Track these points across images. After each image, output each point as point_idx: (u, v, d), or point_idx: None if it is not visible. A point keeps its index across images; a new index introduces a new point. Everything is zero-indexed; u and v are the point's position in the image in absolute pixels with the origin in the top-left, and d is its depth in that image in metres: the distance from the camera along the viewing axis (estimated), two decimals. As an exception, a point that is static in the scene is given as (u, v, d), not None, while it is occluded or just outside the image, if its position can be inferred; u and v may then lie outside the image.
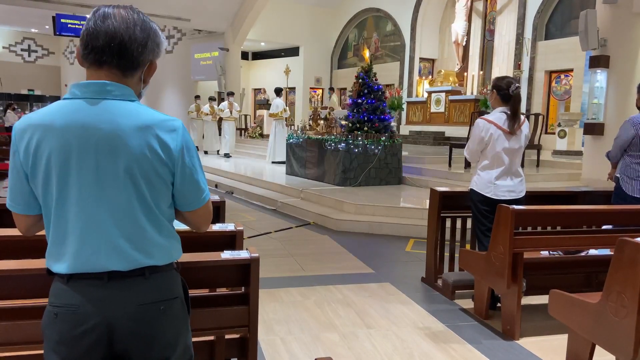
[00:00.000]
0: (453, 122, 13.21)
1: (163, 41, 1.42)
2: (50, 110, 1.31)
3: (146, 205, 1.33)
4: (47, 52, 25.30)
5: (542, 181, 7.99)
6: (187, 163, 1.36)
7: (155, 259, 1.36)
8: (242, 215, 7.03)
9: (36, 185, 1.32)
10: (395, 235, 5.95)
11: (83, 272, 1.31)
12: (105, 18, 1.30)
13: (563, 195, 4.33)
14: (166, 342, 1.38)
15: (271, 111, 11.68)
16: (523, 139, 3.60)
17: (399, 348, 3.06)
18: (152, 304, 1.34)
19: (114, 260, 1.31)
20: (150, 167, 1.31)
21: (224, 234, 2.35)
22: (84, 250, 1.30)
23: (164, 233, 1.39)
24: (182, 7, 14.85)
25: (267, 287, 3.93)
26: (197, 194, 1.42)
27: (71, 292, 1.31)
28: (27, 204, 1.36)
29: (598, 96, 7.83)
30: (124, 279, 1.33)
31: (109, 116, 1.29)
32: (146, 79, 1.41)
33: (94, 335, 1.30)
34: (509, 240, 3.14)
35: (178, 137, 1.34)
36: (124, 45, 1.30)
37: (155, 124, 1.32)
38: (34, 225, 1.41)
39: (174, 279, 1.43)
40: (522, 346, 3.13)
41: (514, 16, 12.83)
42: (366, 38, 17.80)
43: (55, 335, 1.32)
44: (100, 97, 1.30)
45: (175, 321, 1.40)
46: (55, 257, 1.34)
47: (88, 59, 1.32)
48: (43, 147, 1.28)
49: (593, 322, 2.46)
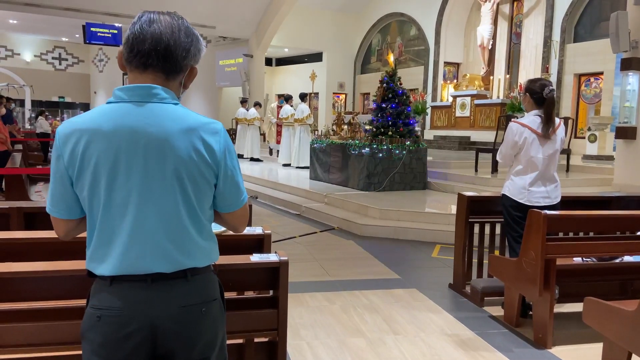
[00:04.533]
0: (479, 126, 13.05)
1: (203, 48, 1.44)
2: (97, 114, 1.31)
3: (191, 207, 1.35)
4: (77, 60, 25.98)
5: (573, 186, 7.80)
6: (229, 165, 1.38)
7: (196, 261, 1.37)
8: (267, 220, 7.05)
9: (81, 189, 1.32)
10: (421, 240, 5.88)
11: (127, 274, 1.32)
12: (151, 22, 1.32)
13: (596, 201, 4.22)
14: (206, 342, 1.39)
15: (296, 116, 11.73)
16: (559, 142, 3.49)
17: (427, 355, 3.01)
18: (194, 306, 1.35)
19: (158, 262, 1.32)
20: (196, 169, 1.32)
21: (252, 237, 2.36)
22: (131, 252, 1.31)
23: (204, 235, 1.40)
24: (207, 14, 15.07)
25: (293, 291, 3.91)
26: (237, 196, 1.43)
27: (114, 294, 1.32)
28: (69, 209, 1.37)
29: (630, 99, 7.62)
30: (167, 280, 1.33)
31: (156, 119, 1.30)
32: (186, 84, 1.43)
33: (138, 338, 1.31)
34: (541, 246, 3.06)
35: (221, 139, 1.36)
36: (169, 49, 1.32)
37: (199, 127, 1.33)
38: (73, 230, 1.42)
39: (213, 281, 1.45)
40: (555, 355, 3.04)
41: (541, 19, 12.62)
42: (390, 43, 17.75)
43: (98, 338, 1.32)
44: (146, 101, 1.31)
45: (214, 322, 1.41)
46: (99, 260, 1.34)
47: (133, 62, 1.33)
48: (91, 151, 1.28)
49: (630, 330, 2.38)
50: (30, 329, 1.86)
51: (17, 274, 1.84)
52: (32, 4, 13.92)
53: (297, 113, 11.73)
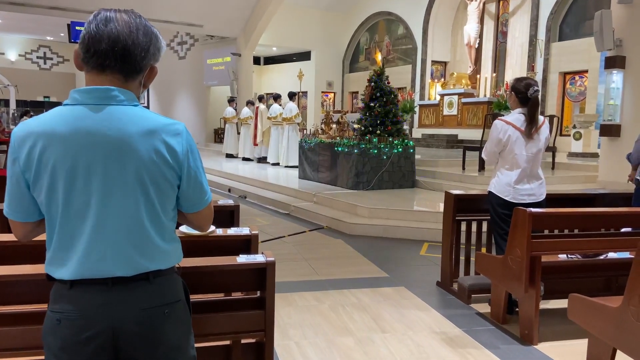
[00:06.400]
0: (466, 124, 13.12)
1: (163, 46, 1.41)
2: (52, 117, 1.28)
3: (153, 210, 1.33)
4: (62, 60, 25.65)
5: (558, 183, 7.88)
6: (192, 165, 1.37)
7: (159, 264, 1.36)
8: (256, 220, 7.03)
9: (39, 193, 1.30)
10: (410, 239, 5.91)
11: (87, 278, 1.30)
12: (107, 21, 1.29)
13: (581, 198, 4.26)
14: (171, 346, 1.37)
15: (285, 115, 11.71)
16: (543, 141, 3.52)
17: (415, 353, 3.03)
18: (156, 308, 1.34)
19: (119, 266, 1.31)
20: (158, 172, 1.31)
21: (239, 237, 2.34)
22: (91, 256, 1.29)
23: (167, 237, 1.39)
24: (194, 13, 14.97)
25: (281, 291, 3.92)
26: (200, 196, 1.43)
27: (74, 298, 1.30)
28: (27, 212, 1.34)
29: (614, 97, 7.73)
30: (128, 283, 1.32)
31: (115, 122, 1.28)
32: (146, 83, 1.41)
33: (99, 341, 1.29)
34: (526, 243, 3.09)
35: (183, 141, 1.35)
36: (127, 50, 1.29)
37: (160, 129, 1.32)
38: (31, 232, 1.40)
39: (176, 282, 1.43)
40: (541, 351, 3.08)
41: (526, 18, 12.72)
42: (378, 41, 17.79)
43: (58, 342, 1.30)
44: (104, 103, 1.28)
45: (179, 324, 1.40)
46: (58, 263, 1.32)
47: (90, 63, 1.30)
48: (47, 155, 1.26)
49: (614, 326, 2.41)
50: (9, 332, 1.83)
51: (0, 277, 1.82)
52: (17, 3, 13.72)
53: (286, 112, 11.70)
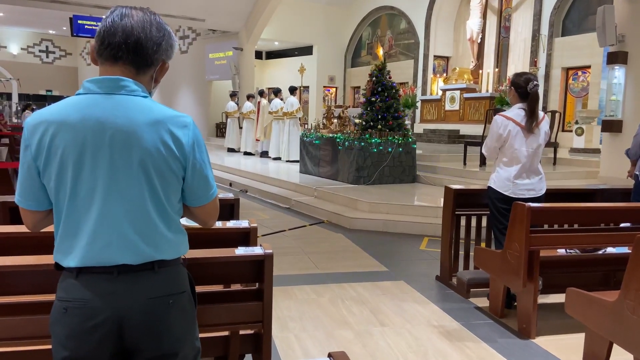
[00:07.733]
0: (468, 120, 13.11)
1: (176, 44, 1.45)
2: (64, 105, 1.32)
3: (158, 200, 1.35)
4: (65, 53, 25.68)
5: (559, 179, 7.89)
6: (198, 158, 1.39)
7: (165, 254, 1.37)
8: (256, 214, 7.06)
9: (49, 180, 1.32)
10: (410, 233, 5.92)
11: (93, 266, 1.32)
12: (123, 16, 1.34)
13: (581, 193, 4.27)
14: (175, 336, 1.38)
15: (285, 109, 11.70)
16: (542, 136, 3.53)
17: (413, 346, 3.05)
18: (161, 298, 1.36)
19: (124, 254, 1.32)
20: (163, 162, 1.33)
21: (238, 230, 2.36)
22: (96, 244, 1.31)
23: (173, 228, 1.40)
24: (196, 7, 14.95)
25: (281, 284, 3.94)
26: (206, 190, 1.44)
27: (81, 286, 1.32)
28: (37, 200, 1.36)
29: (616, 93, 7.70)
30: (134, 272, 1.34)
31: (124, 111, 1.31)
32: (157, 79, 1.44)
33: (104, 330, 1.31)
34: (525, 237, 3.10)
35: (189, 133, 1.37)
36: (140, 43, 1.33)
37: (167, 120, 1.34)
38: (41, 221, 1.42)
39: (182, 273, 1.45)
40: (539, 345, 3.10)
41: (529, 13, 12.68)
42: (380, 36, 17.74)
43: (64, 330, 1.32)
44: (114, 93, 1.32)
45: (183, 315, 1.41)
46: (65, 252, 1.34)
47: (103, 55, 1.35)
48: (57, 142, 1.29)
49: (611, 320, 2.43)
50: (15, 322, 1.86)
51: (2, 267, 1.84)
52: (19, -4, 13.74)
53: (287, 106, 11.70)
